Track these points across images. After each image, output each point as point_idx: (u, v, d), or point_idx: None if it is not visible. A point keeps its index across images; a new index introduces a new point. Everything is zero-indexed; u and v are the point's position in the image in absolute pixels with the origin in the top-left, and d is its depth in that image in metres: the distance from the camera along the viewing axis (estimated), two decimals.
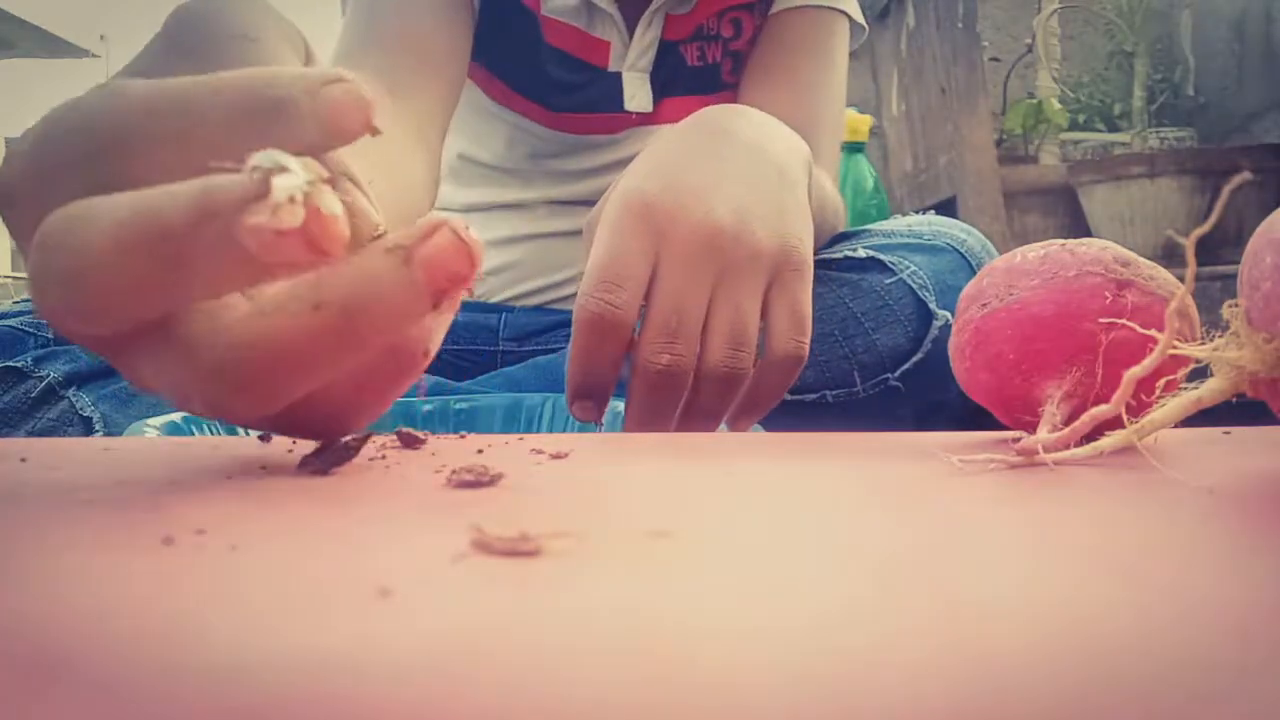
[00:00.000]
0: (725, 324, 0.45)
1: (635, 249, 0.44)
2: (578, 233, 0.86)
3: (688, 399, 0.46)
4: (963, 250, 0.70)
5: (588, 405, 0.45)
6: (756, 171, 0.49)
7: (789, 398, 0.66)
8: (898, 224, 0.75)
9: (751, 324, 0.45)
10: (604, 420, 0.57)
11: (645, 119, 0.85)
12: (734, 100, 0.85)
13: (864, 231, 0.74)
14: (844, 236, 0.73)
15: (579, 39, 0.83)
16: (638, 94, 0.84)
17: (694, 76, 0.85)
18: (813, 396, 0.66)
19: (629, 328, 0.44)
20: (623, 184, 0.46)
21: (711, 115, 0.53)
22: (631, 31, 0.83)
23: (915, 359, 0.65)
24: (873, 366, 0.66)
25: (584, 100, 0.84)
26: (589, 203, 0.86)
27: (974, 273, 0.69)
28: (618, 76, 0.84)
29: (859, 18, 0.86)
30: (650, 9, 0.82)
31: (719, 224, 0.44)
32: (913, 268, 0.66)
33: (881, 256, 0.67)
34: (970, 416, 0.41)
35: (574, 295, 0.86)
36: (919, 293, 0.66)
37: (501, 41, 0.83)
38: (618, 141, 0.86)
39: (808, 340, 0.47)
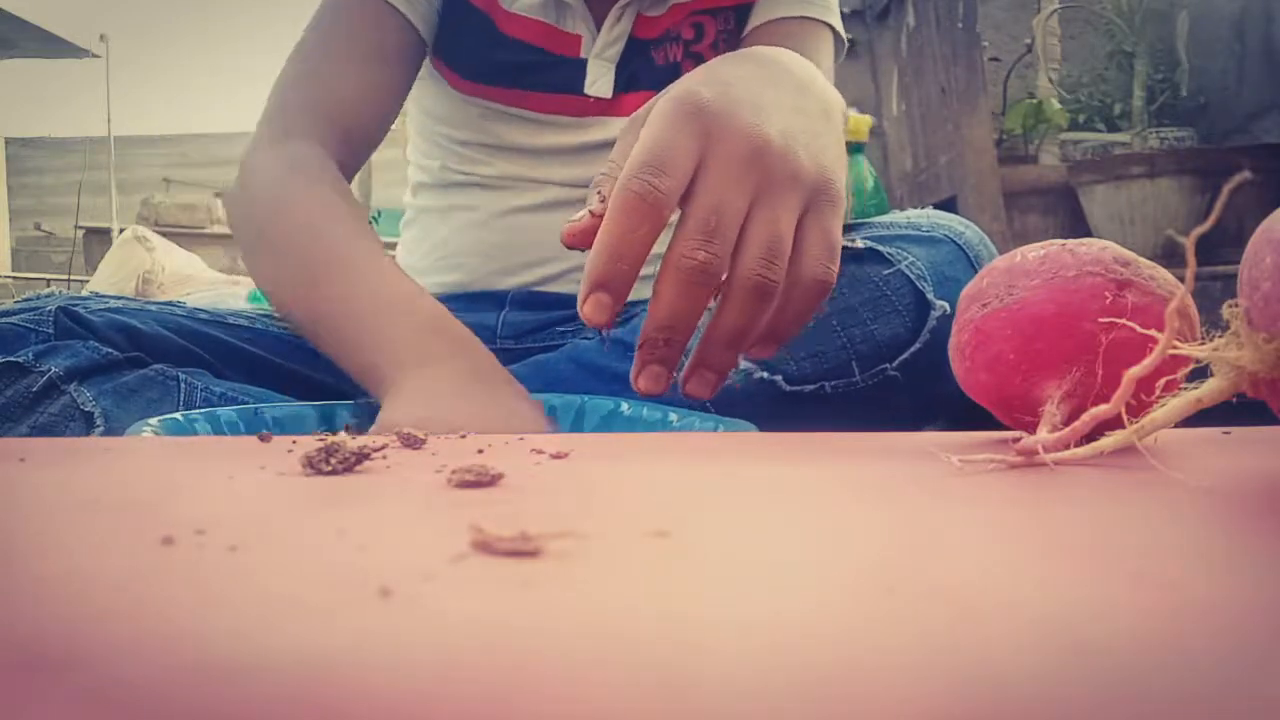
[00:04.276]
0: (762, 235, 0.44)
1: (683, 143, 0.44)
2: (551, 209, 0.88)
3: (712, 318, 0.46)
4: (960, 242, 0.70)
5: (603, 300, 0.43)
6: (803, 103, 0.50)
7: (787, 389, 0.66)
8: (896, 217, 0.75)
9: (786, 240, 0.45)
10: (568, 425, 0.57)
11: (608, 108, 0.87)
12: None
13: (862, 224, 0.74)
14: (842, 228, 0.74)
15: (545, 32, 0.86)
16: (599, 79, 0.86)
17: (658, 74, 0.87)
18: (811, 387, 0.66)
19: (666, 215, 0.43)
20: (675, 87, 0.47)
21: (765, 49, 0.55)
22: (600, 24, 0.86)
23: (913, 349, 0.65)
24: (871, 357, 0.66)
25: (546, 81, 0.87)
26: (559, 183, 0.88)
27: (971, 264, 0.69)
28: (584, 63, 0.87)
29: (841, 31, 0.88)
30: (620, 3, 0.85)
31: (767, 137, 0.45)
32: (910, 259, 0.67)
33: (880, 248, 0.67)
34: (969, 408, 0.41)
35: (557, 276, 0.88)
36: (917, 283, 0.66)
37: (458, 38, 0.86)
38: (582, 125, 0.88)
39: (836, 268, 0.48)
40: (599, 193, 0.45)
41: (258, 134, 0.76)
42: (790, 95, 0.49)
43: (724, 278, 0.45)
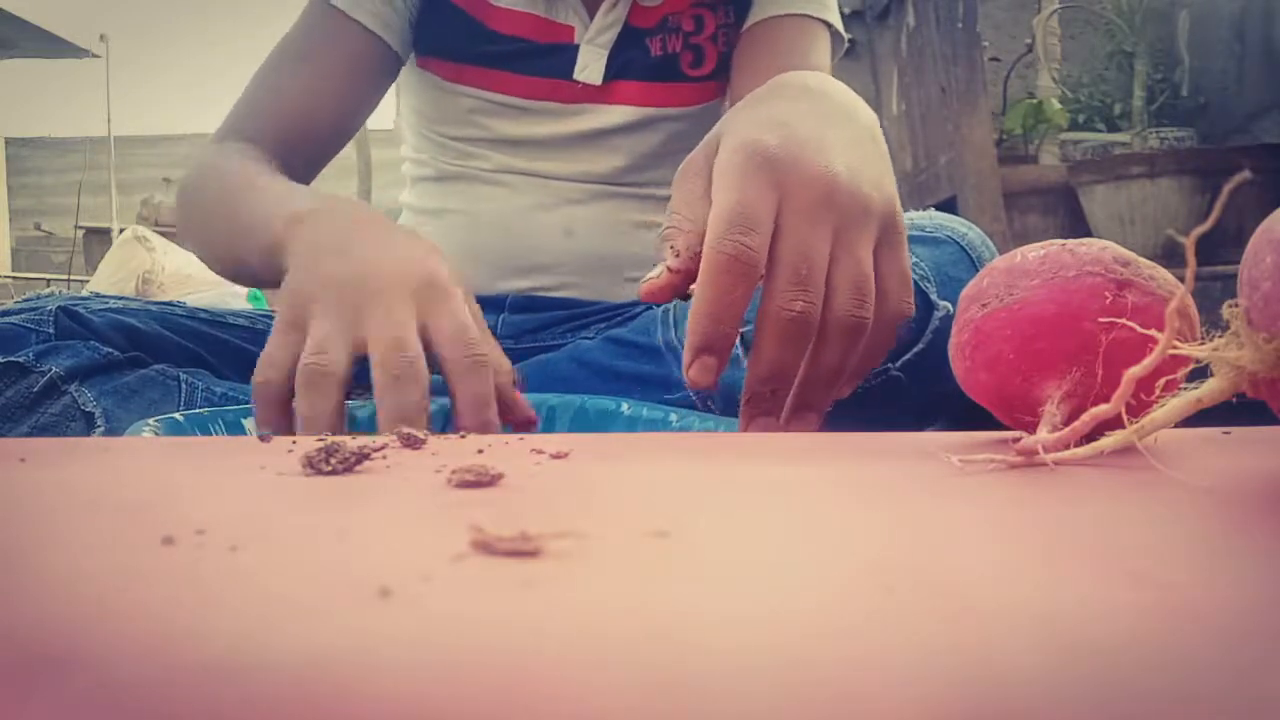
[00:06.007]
0: (849, 275, 0.45)
1: (762, 196, 0.44)
2: (546, 210, 0.88)
3: (809, 360, 0.46)
4: (963, 243, 0.70)
5: (709, 363, 0.44)
6: (856, 133, 0.50)
7: None
8: None
9: (870, 276, 0.46)
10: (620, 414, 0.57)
11: (598, 95, 0.87)
12: (693, 93, 0.89)
13: None
14: None
15: (536, 25, 0.86)
16: (590, 65, 0.86)
17: (653, 64, 0.88)
18: None
19: (760, 272, 0.44)
20: (737, 135, 0.46)
21: (803, 77, 0.55)
22: (593, 14, 0.86)
23: (916, 349, 0.66)
24: None
25: (536, 66, 0.87)
26: (552, 177, 0.88)
27: (974, 265, 0.69)
28: (576, 49, 0.87)
29: (840, 28, 0.88)
30: None
31: (836, 176, 0.45)
32: (914, 259, 0.67)
33: None
34: (969, 408, 0.41)
35: (555, 285, 0.88)
36: (920, 284, 0.66)
37: (444, 37, 0.87)
38: (572, 113, 0.88)
39: (912, 299, 0.48)
40: (671, 246, 0.45)
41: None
42: (844, 127, 0.50)
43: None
